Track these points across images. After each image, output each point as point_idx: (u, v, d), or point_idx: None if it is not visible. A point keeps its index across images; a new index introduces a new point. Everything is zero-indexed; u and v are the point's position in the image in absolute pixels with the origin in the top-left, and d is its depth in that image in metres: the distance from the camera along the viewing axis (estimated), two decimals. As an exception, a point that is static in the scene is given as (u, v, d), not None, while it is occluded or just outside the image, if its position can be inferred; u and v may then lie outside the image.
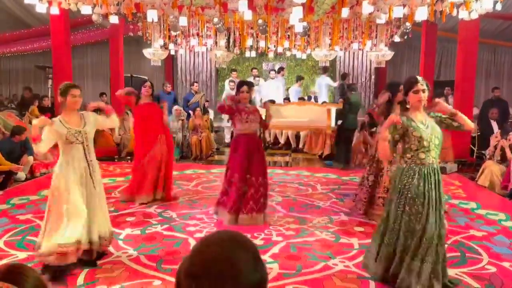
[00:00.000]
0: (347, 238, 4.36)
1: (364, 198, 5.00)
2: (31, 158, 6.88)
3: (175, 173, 7.04)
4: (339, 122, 8.41)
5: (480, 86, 12.44)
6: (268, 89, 11.16)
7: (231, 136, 10.21)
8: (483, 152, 7.96)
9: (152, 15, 6.64)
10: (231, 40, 10.36)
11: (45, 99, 9.51)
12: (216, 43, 10.05)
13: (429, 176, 3.08)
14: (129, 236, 4.35)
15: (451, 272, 3.40)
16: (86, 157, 3.53)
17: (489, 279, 3.46)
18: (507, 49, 12.83)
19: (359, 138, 8.50)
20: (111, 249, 3.88)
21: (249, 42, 9.77)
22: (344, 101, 8.31)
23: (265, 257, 3.84)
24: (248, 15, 6.60)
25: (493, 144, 7.17)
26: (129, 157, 8.48)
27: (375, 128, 8.33)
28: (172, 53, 11.55)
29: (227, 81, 10.95)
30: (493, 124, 8.51)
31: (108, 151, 8.67)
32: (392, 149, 3.16)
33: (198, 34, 9.54)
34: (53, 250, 3.29)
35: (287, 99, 10.81)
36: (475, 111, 9.29)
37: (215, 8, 7.54)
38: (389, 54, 9.43)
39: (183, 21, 7.42)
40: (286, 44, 9.85)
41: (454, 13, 6.36)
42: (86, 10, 6.66)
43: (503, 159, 6.74)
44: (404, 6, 6.46)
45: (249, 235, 4.18)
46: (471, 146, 8.57)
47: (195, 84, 10.93)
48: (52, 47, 8.56)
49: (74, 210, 3.38)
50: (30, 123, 8.33)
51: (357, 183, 5.46)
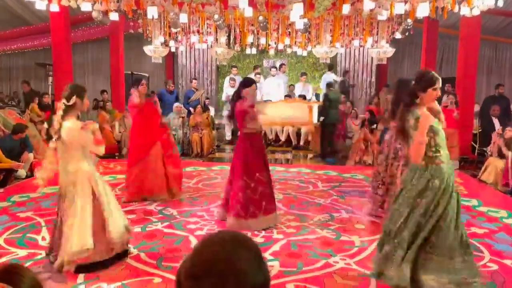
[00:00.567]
0: (348, 235, 4.35)
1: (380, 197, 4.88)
2: (31, 155, 6.86)
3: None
4: (321, 118, 9.06)
5: (481, 83, 12.40)
6: (269, 86, 11.12)
7: (232, 134, 10.21)
8: (484, 149, 7.93)
9: (152, 12, 6.63)
10: (231, 37, 10.32)
11: (45, 96, 9.48)
12: (217, 40, 10.03)
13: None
14: (129, 233, 4.34)
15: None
16: None
17: (490, 276, 3.45)
18: (508, 45, 12.78)
19: (359, 135, 8.49)
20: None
21: (249, 39, 9.73)
22: (326, 97, 8.99)
23: (266, 254, 3.83)
24: (248, 12, 6.58)
25: (495, 141, 7.14)
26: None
27: (375, 125, 8.35)
28: (173, 50, 11.52)
29: (227, 78, 10.92)
30: (494, 121, 8.48)
31: (109, 149, 8.64)
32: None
33: (198, 31, 9.50)
34: None
35: (288, 96, 10.77)
36: (476, 108, 9.26)
37: (215, 5, 7.54)
38: (390, 51, 9.40)
39: (183, 18, 7.41)
40: (287, 41, 9.81)
41: (456, 9, 6.33)
42: (86, 7, 6.63)
43: (500, 156, 6.72)
44: (406, 2, 6.43)
45: (249, 233, 4.20)
46: (472, 143, 8.55)
47: (193, 81, 10.90)
48: (52, 44, 8.53)
49: None
50: (31, 120, 8.38)
51: (369, 183, 5.26)
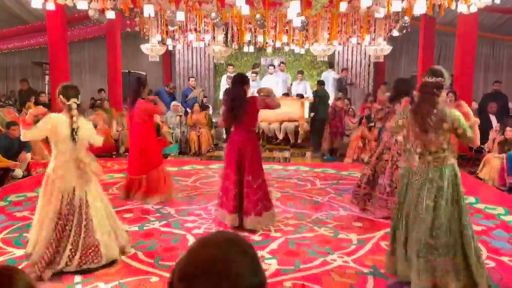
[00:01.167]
0: (345, 233, 4.35)
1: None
2: (28, 155, 6.82)
3: (173, 169, 7.04)
4: (312, 114, 9.40)
5: (479, 80, 12.40)
6: (267, 84, 11.09)
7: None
8: (482, 146, 7.94)
9: (149, 10, 6.60)
10: (229, 35, 10.29)
11: (42, 95, 9.45)
12: (214, 38, 10.00)
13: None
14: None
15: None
16: None
17: (488, 273, 3.45)
18: (506, 42, 12.78)
19: (357, 133, 8.48)
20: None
21: (247, 37, 9.71)
22: (315, 94, 9.37)
23: (264, 253, 3.83)
24: (245, 9, 6.56)
25: (492, 138, 7.16)
26: (127, 153, 8.43)
27: (373, 123, 8.35)
28: (170, 48, 11.48)
29: (224, 77, 10.88)
30: (491, 118, 8.48)
31: (106, 147, 8.61)
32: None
33: (195, 29, 9.47)
34: None
35: (286, 94, 10.74)
36: (474, 105, 9.26)
37: (212, 2, 7.51)
38: (387, 49, 9.39)
39: (180, 16, 7.38)
40: (285, 39, 9.78)
41: (453, 6, 6.33)
42: (82, 5, 6.57)
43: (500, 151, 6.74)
44: (403, 0, 6.43)
45: (247, 232, 4.18)
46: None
47: (191, 79, 10.89)
48: (48, 43, 8.48)
49: None
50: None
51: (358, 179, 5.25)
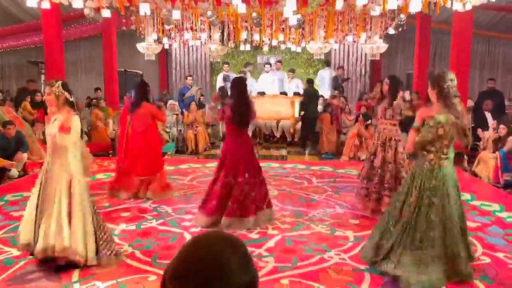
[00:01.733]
0: (342, 231, 4.37)
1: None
2: (25, 155, 6.79)
3: (170, 167, 7.04)
4: (302, 112, 9.54)
5: (474, 77, 12.44)
6: (263, 83, 11.10)
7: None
8: (477, 143, 7.97)
9: (144, 8, 6.56)
10: (225, 34, 10.27)
11: (37, 94, 9.42)
12: (210, 36, 9.98)
13: None
14: (124, 231, 4.35)
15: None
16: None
17: (483, 269, 3.48)
18: (501, 40, 12.82)
19: (353, 130, 8.50)
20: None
21: (243, 35, 9.70)
22: (305, 93, 9.53)
23: (261, 250, 3.85)
24: (241, 8, 6.55)
25: (490, 136, 7.19)
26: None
27: (370, 120, 8.37)
28: (166, 47, 11.45)
29: (220, 75, 10.87)
30: (487, 116, 8.52)
31: (103, 147, 8.61)
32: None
33: (192, 28, 9.45)
34: None
35: (283, 93, 10.73)
36: (470, 103, 9.29)
37: (208, 1, 7.49)
38: (383, 47, 9.40)
39: (176, 14, 7.35)
40: (281, 37, 9.78)
41: (448, 4, 6.33)
42: (77, 3, 6.53)
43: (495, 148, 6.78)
44: (398, -2, 6.43)
45: (244, 231, 4.20)
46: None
47: (188, 78, 10.88)
48: (44, 42, 8.44)
49: None
50: (24, 119, 8.31)
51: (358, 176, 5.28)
